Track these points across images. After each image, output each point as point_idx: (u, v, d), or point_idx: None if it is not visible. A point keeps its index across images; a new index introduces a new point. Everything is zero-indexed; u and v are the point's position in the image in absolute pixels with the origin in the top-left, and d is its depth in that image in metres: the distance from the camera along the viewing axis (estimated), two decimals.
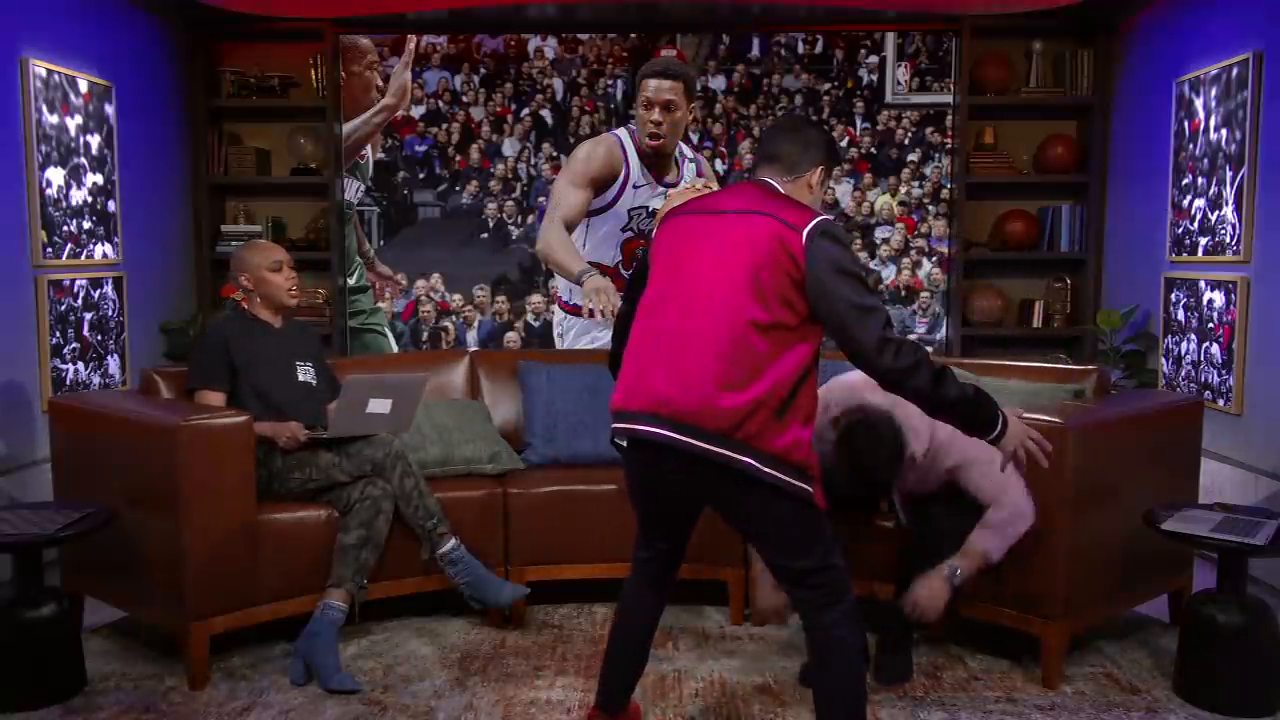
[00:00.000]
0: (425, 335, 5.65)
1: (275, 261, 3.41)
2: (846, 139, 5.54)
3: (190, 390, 3.33)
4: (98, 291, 4.49)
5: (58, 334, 4.19)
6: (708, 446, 2.16)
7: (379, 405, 3.20)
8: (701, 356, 2.19)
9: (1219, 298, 4.25)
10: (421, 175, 5.61)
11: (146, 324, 4.96)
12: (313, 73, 5.48)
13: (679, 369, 2.21)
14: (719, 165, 5.48)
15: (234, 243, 5.47)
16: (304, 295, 3.55)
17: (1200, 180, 4.41)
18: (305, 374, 3.44)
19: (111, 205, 4.62)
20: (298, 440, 3.21)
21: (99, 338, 4.49)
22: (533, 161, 5.58)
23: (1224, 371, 4.21)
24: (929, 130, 5.51)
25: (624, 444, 2.32)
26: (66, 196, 4.25)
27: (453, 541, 3.25)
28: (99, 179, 4.51)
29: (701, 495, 2.36)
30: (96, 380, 4.46)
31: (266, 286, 3.41)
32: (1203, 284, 4.38)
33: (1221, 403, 4.21)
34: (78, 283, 4.33)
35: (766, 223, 2.24)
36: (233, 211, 5.60)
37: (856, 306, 2.19)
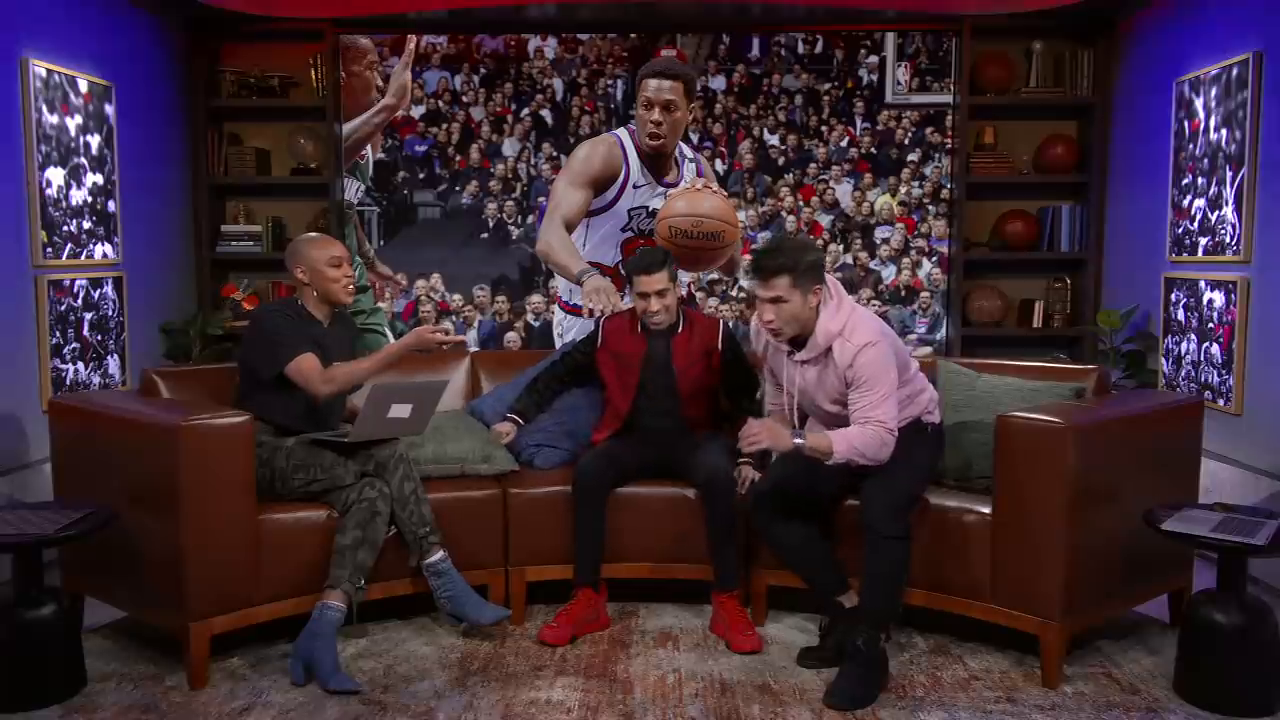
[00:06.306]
0: None
1: (335, 258, 3.36)
2: (847, 139, 5.54)
3: (277, 374, 3.24)
4: (98, 291, 4.48)
5: (58, 334, 4.19)
6: None
7: (400, 410, 3.20)
8: None
9: (1219, 298, 4.25)
10: (421, 175, 5.60)
11: (146, 324, 4.95)
12: (313, 73, 5.48)
13: None
14: (719, 165, 5.48)
15: (234, 243, 5.48)
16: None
17: (1200, 180, 4.40)
18: None
19: (111, 205, 4.62)
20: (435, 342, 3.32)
21: (99, 338, 4.49)
22: (533, 161, 5.58)
23: (1224, 371, 4.21)
24: (929, 130, 5.51)
25: None
26: (66, 196, 4.25)
27: (441, 553, 3.25)
28: (99, 179, 4.51)
29: None
30: (96, 380, 4.46)
31: (324, 282, 3.37)
32: (1203, 284, 4.38)
33: (1221, 403, 4.20)
34: (78, 283, 4.33)
35: None
36: (233, 211, 5.60)
37: None
